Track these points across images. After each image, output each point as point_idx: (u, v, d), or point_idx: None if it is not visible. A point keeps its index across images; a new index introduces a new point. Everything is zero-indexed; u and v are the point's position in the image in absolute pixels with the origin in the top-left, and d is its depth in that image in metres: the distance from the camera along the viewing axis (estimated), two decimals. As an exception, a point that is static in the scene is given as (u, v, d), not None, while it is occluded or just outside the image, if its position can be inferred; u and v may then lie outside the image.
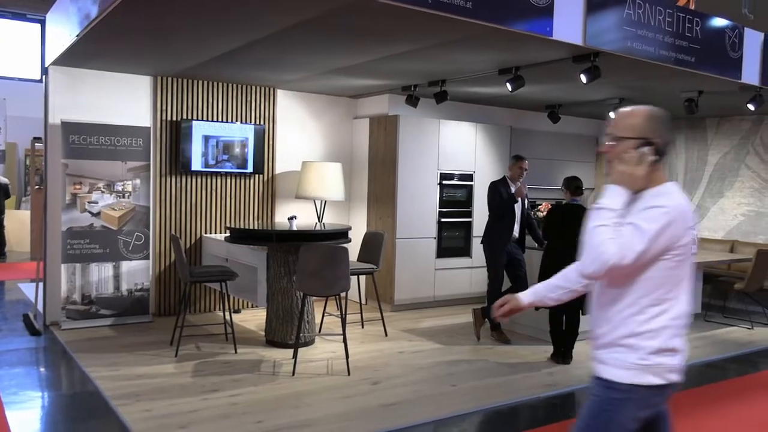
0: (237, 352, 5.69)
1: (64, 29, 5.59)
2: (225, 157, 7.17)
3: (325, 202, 7.59)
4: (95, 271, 6.41)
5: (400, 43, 5.18)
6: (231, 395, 4.62)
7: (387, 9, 3.96)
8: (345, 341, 5.31)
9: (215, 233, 7.23)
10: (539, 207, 8.00)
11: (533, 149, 8.46)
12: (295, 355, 5.29)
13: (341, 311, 5.67)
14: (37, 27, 12.91)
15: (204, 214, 7.21)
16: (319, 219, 7.58)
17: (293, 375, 5.09)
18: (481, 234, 6.50)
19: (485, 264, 6.42)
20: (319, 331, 6.38)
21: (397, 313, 7.48)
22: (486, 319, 6.38)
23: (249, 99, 7.44)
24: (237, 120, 7.33)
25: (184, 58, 5.97)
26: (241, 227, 6.17)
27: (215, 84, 7.20)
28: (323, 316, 6.58)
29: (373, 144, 7.93)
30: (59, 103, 6.44)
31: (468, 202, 8.15)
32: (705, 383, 5.47)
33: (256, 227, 6.33)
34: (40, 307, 6.59)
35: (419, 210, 7.73)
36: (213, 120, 7.16)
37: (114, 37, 5.21)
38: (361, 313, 6.93)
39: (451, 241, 8.04)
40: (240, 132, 7.25)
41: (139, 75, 6.82)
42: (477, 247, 7.82)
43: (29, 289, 7.72)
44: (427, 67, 6.16)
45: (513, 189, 6.28)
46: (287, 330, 5.83)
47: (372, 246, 6.62)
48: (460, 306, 7.86)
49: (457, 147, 8.01)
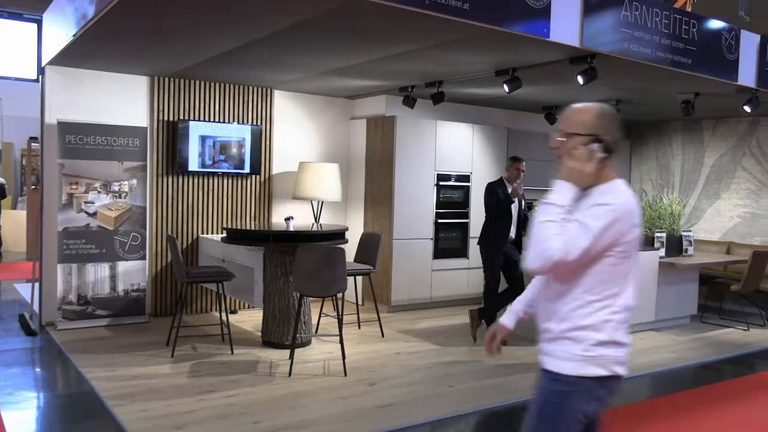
0: (233, 352, 5.68)
1: (60, 29, 5.58)
2: (222, 158, 7.16)
3: (322, 202, 7.58)
4: (91, 272, 6.40)
5: (397, 44, 5.19)
6: (227, 396, 4.61)
7: (384, 10, 3.95)
8: (342, 342, 5.31)
9: (212, 234, 7.22)
10: (536, 208, 8.03)
11: (530, 150, 8.44)
12: (292, 356, 5.29)
13: (338, 312, 5.66)
14: (34, 27, 12.88)
15: (201, 214, 7.20)
16: (316, 220, 7.57)
17: (290, 376, 5.09)
18: (478, 235, 6.51)
19: (482, 265, 6.42)
20: (316, 332, 6.37)
21: (394, 314, 7.48)
22: (482, 320, 6.38)
23: (246, 99, 7.43)
24: (234, 120, 7.33)
25: (181, 58, 5.96)
26: (238, 228, 6.17)
27: (212, 84, 7.19)
28: (320, 316, 6.58)
29: (370, 145, 7.93)
30: (56, 103, 6.43)
31: (465, 203, 8.15)
32: (701, 384, 5.48)
33: (252, 228, 6.33)
34: (35, 308, 6.57)
35: (416, 211, 7.73)
36: (210, 120, 7.15)
37: (111, 37, 5.21)
38: (358, 314, 6.92)
39: (448, 242, 8.04)
40: (237, 132, 7.25)
41: (136, 75, 6.81)
42: (474, 248, 7.82)
43: (25, 290, 7.71)
44: (424, 68, 6.17)
45: (510, 190, 6.29)
46: (284, 331, 5.83)
47: (369, 247, 6.62)
48: (456, 307, 7.86)
49: (454, 148, 8.01)
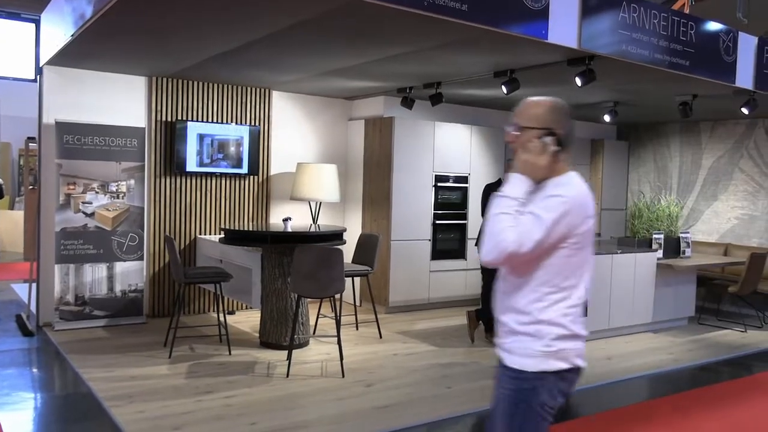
0: (231, 353, 5.67)
1: (58, 29, 5.58)
2: (220, 156, 7.15)
3: (320, 203, 7.58)
4: (89, 272, 6.39)
5: (395, 45, 5.19)
6: (225, 397, 4.61)
7: (382, 11, 3.95)
8: (339, 343, 5.30)
9: (210, 234, 7.21)
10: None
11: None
12: (290, 357, 5.28)
13: (336, 313, 5.66)
14: (32, 26, 12.83)
15: (198, 215, 7.20)
16: (314, 220, 7.57)
17: (287, 377, 5.09)
18: (476, 236, 6.51)
19: (479, 266, 6.42)
20: (314, 333, 6.37)
21: (392, 315, 7.48)
22: (480, 321, 6.39)
23: (244, 100, 7.43)
24: (232, 121, 7.32)
25: (179, 58, 5.96)
26: (236, 228, 6.16)
27: (210, 85, 7.19)
28: (318, 317, 6.57)
29: (368, 146, 7.93)
30: (54, 103, 6.42)
31: (463, 204, 8.16)
32: (699, 386, 5.48)
33: (250, 228, 6.32)
34: (33, 308, 6.56)
35: (414, 212, 7.73)
36: (208, 121, 7.14)
37: (109, 37, 5.20)
38: (356, 315, 6.92)
39: (446, 244, 8.05)
40: (235, 133, 7.25)
41: (134, 75, 6.81)
42: (471, 250, 7.83)
43: (22, 290, 7.69)
44: (423, 69, 6.17)
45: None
46: (281, 332, 5.82)
47: (367, 248, 6.62)
48: (454, 308, 7.87)
49: (452, 149, 8.02)
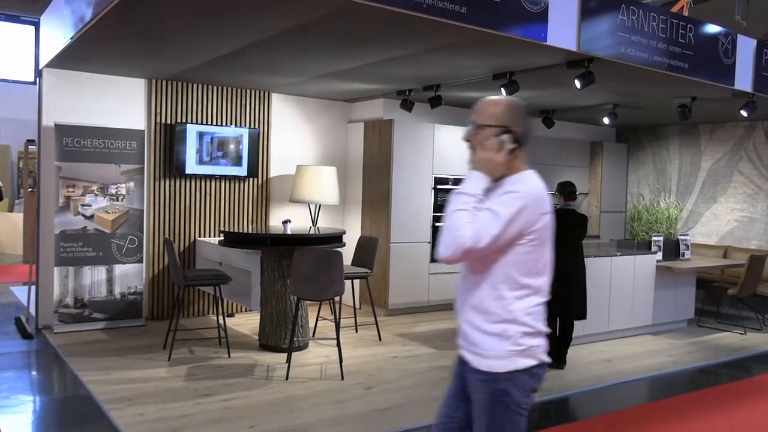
0: (230, 356, 5.67)
1: (58, 31, 5.58)
2: (219, 154, 7.15)
3: (320, 206, 7.58)
4: (88, 275, 6.39)
5: (394, 48, 5.19)
6: (224, 399, 4.60)
7: (382, 13, 3.96)
8: (339, 346, 5.30)
9: (209, 237, 7.21)
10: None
11: (527, 154, 8.46)
12: (289, 360, 5.28)
13: (335, 315, 5.65)
14: (31, 29, 12.88)
15: (198, 217, 7.20)
16: (314, 223, 7.57)
17: (287, 379, 5.08)
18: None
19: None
20: (313, 336, 6.36)
21: (391, 318, 7.48)
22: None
23: (244, 102, 7.43)
24: (232, 123, 7.32)
25: (178, 61, 5.96)
26: (236, 231, 6.16)
27: (210, 87, 7.19)
28: (317, 320, 6.57)
29: (368, 148, 7.93)
30: (53, 106, 6.42)
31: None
32: (698, 388, 5.48)
33: (250, 231, 6.32)
34: (32, 311, 6.56)
35: (414, 214, 7.73)
36: (208, 123, 7.15)
37: (108, 40, 5.21)
38: (355, 318, 6.92)
39: (446, 246, 8.02)
40: (234, 135, 7.24)
41: (134, 78, 6.81)
42: (471, 252, 7.82)
43: (21, 293, 7.68)
44: (422, 72, 6.17)
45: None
46: (281, 334, 5.82)
47: (366, 250, 6.62)
48: (454, 311, 7.85)
49: (452, 151, 8.01)
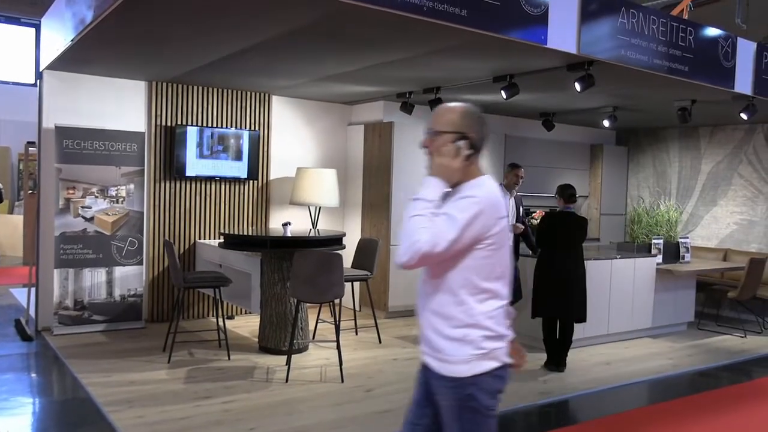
0: (230, 358, 5.66)
1: (59, 34, 5.58)
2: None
3: (320, 208, 7.58)
4: (88, 277, 6.38)
5: (394, 51, 5.20)
6: (224, 402, 4.60)
7: (382, 16, 3.96)
8: (339, 348, 5.30)
9: (209, 239, 7.21)
10: (533, 214, 8.02)
11: (527, 157, 8.47)
12: (289, 362, 5.27)
13: (335, 318, 5.65)
14: (32, 31, 12.90)
15: (198, 219, 7.20)
16: (314, 225, 7.57)
17: (286, 382, 5.08)
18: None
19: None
20: (313, 338, 6.36)
21: (391, 320, 7.47)
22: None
23: (244, 105, 7.44)
24: (232, 126, 7.33)
25: (178, 63, 5.97)
26: (236, 233, 6.16)
27: (210, 89, 7.19)
28: (317, 322, 6.57)
29: (368, 150, 7.93)
30: (53, 108, 6.43)
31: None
32: (698, 391, 5.48)
33: (250, 233, 6.32)
34: (32, 313, 6.55)
35: (414, 217, 7.70)
36: (208, 125, 7.15)
37: (109, 43, 5.21)
38: (355, 320, 6.91)
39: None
40: (235, 137, 7.25)
41: (134, 80, 6.81)
42: (471, 254, 7.81)
43: (21, 295, 7.68)
44: (422, 75, 6.18)
45: (508, 197, 6.30)
46: (281, 336, 5.81)
47: (366, 252, 6.62)
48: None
49: (452, 154, 8.01)
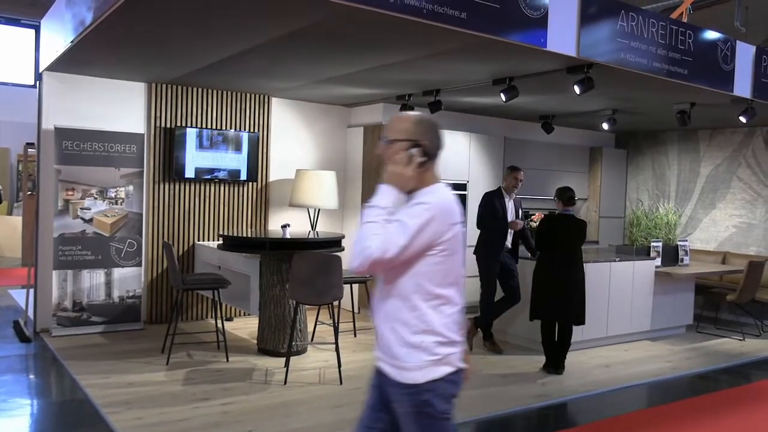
0: (229, 360, 5.66)
1: (58, 35, 5.59)
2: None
3: (319, 210, 7.58)
4: (87, 278, 6.38)
5: (394, 53, 5.20)
6: (222, 404, 4.60)
7: (382, 19, 3.97)
8: (337, 350, 5.29)
9: (208, 241, 7.21)
10: (533, 217, 8.02)
11: (527, 159, 8.48)
12: (287, 364, 5.26)
13: (334, 320, 5.65)
14: (32, 32, 12.89)
15: (197, 221, 7.19)
16: (313, 227, 7.57)
17: (285, 384, 5.07)
18: (474, 244, 6.51)
19: (478, 274, 6.41)
20: (312, 340, 6.36)
21: (390, 322, 7.45)
22: (479, 329, 6.38)
23: (243, 107, 7.44)
24: (231, 127, 7.33)
25: (178, 65, 5.97)
26: (235, 235, 6.16)
27: (210, 91, 7.20)
28: (316, 324, 6.56)
29: (367, 153, 7.93)
30: (53, 109, 6.43)
31: (461, 211, 8.14)
32: (697, 394, 5.48)
33: (249, 235, 6.32)
34: (30, 314, 6.55)
35: (413, 219, 7.70)
36: (207, 127, 7.15)
37: (109, 44, 5.21)
38: (354, 322, 6.91)
39: (445, 251, 8.01)
40: (234, 139, 7.25)
41: (134, 82, 6.81)
42: (470, 257, 7.81)
43: (20, 296, 7.67)
44: (422, 77, 6.18)
45: (507, 200, 6.30)
46: (279, 338, 5.81)
47: (365, 255, 6.60)
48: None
49: (451, 156, 8.01)
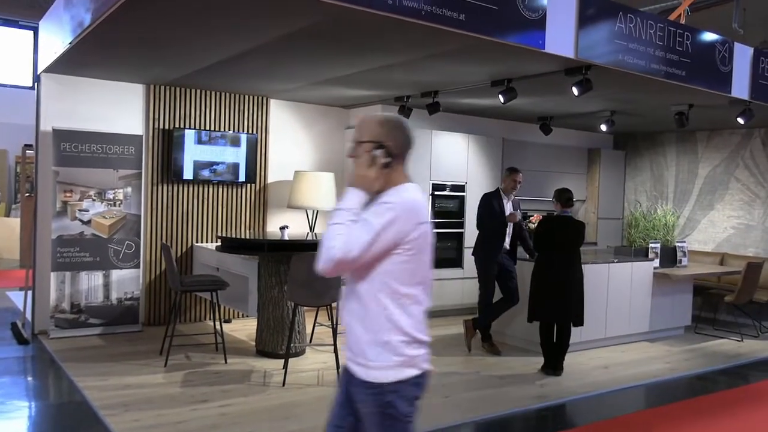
0: (227, 362, 5.65)
1: (57, 37, 5.58)
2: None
3: (317, 211, 7.58)
4: (85, 280, 6.37)
5: (392, 54, 5.20)
6: (221, 406, 4.59)
7: (380, 20, 3.97)
8: (336, 352, 5.29)
9: (206, 242, 7.20)
10: (531, 218, 8.02)
11: (525, 161, 8.48)
12: (286, 366, 5.26)
13: (332, 321, 5.64)
14: (30, 34, 12.88)
15: (195, 223, 7.19)
16: (311, 229, 7.56)
17: (283, 386, 5.07)
18: (473, 245, 6.51)
19: (476, 275, 6.41)
20: (310, 342, 6.35)
21: (389, 324, 7.45)
22: (477, 330, 6.37)
23: (242, 108, 7.44)
24: (230, 129, 7.33)
25: (176, 67, 5.97)
26: (233, 236, 6.15)
27: (208, 93, 7.19)
28: (314, 326, 6.56)
29: (366, 154, 7.91)
30: (51, 111, 6.42)
31: (460, 213, 8.16)
32: (695, 395, 5.48)
33: (247, 237, 6.31)
34: (28, 316, 6.53)
35: (411, 220, 7.70)
36: (206, 129, 7.15)
37: (107, 46, 5.21)
38: (353, 324, 6.89)
39: (443, 252, 8.03)
40: (233, 141, 7.25)
41: (132, 83, 6.81)
42: (468, 258, 7.81)
43: (18, 298, 7.65)
44: (420, 78, 6.18)
45: (506, 201, 6.30)
46: (278, 340, 5.81)
47: (364, 256, 6.60)
48: (451, 317, 7.84)
49: (450, 158, 8.03)
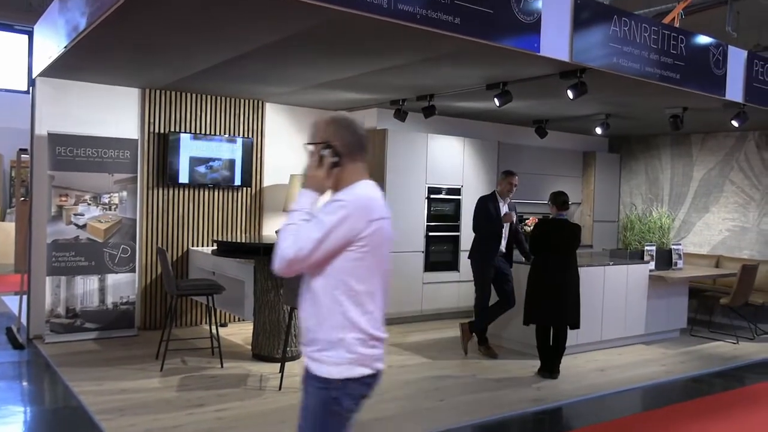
0: (223, 366, 5.64)
1: (52, 41, 5.58)
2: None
3: (313, 215, 7.57)
4: (80, 284, 6.35)
5: (388, 58, 5.21)
6: (217, 410, 4.58)
7: (375, 24, 3.98)
8: (332, 355, 5.27)
9: (202, 246, 7.19)
10: (527, 221, 8.04)
11: (521, 164, 8.49)
12: (282, 370, 5.26)
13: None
14: (25, 38, 12.85)
15: (191, 227, 7.18)
16: (307, 232, 7.55)
17: (280, 389, 5.06)
18: (469, 248, 6.52)
19: (473, 278, 6.42)
20: (306, 345, 6.33)
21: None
22: (473, 334, 6.38)
23: (237, 112, 7.44)
24: (225, 133, 7.33)
25: (171, 71, 5.97)
26: (229, 240, 6.15)
27: (204, 97, 7.19)
28: (310, 329, 6.54)
29: (362, 158, 7.92)
30: (46, 115, 6.41)
31: (456, 216, 8.17)
32: (691, 398, 5.49)
33: (243, 240, 6.31)
34: (23, 321, 6.52)
35: (407, 224, 7.73)
36: (201, 133, 7.15)
37: (102, 50, 5.21)
38: (349, 327, 6.89)
39: (439, 255, 8.05)
40: (228, 145, 7.24)
41: (127, 87, 6.80)
42: (465, 261, 7.82)
43: (13, 302, 7.63)
44: (416, 82, 6.20)
45: (502, 204, 6.30)
46: (274, 344, 5.80)
47: (360, 260, 6.60)
48: (447, 320, 7.85)
49: (445, 161, 8.04)
